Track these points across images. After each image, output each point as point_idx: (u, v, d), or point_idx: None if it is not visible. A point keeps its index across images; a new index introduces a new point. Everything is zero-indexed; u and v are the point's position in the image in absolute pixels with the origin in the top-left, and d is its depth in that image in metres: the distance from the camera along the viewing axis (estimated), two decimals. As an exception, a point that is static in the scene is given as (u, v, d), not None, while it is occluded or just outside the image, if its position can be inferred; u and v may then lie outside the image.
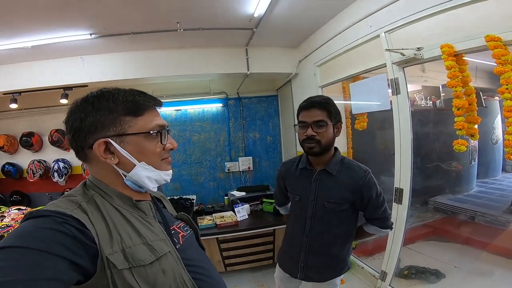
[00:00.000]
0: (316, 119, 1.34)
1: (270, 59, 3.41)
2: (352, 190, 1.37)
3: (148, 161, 0.74)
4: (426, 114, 3.52)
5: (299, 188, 1.49)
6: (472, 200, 3.19)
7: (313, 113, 1.35)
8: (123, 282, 0.62)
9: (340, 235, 1.44)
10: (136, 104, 0.73)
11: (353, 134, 3.16)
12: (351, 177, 1.38)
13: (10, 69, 2.95)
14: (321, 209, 1.41)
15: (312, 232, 1.43)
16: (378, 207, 1.40)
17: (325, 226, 1.41)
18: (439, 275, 2.34)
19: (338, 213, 1.40)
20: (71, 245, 0.57)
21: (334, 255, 1.46)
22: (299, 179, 1.50)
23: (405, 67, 2.04)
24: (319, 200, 1.41)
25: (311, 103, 1.37)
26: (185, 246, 0.81)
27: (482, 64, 2.33)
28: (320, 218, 1.41)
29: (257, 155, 4.17)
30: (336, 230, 1.42)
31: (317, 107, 1.35)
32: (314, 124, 1.34)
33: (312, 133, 1.34)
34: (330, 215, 1.40)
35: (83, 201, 0.66)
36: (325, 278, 1.49)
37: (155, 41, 2.87)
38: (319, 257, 1.45)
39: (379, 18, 2.11)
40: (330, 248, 1.44)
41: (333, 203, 1.38)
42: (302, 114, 1.40)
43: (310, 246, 1.44)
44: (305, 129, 1.36)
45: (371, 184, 1.37)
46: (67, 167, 3.63)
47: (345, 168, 1.41)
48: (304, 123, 1.37)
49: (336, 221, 1.41)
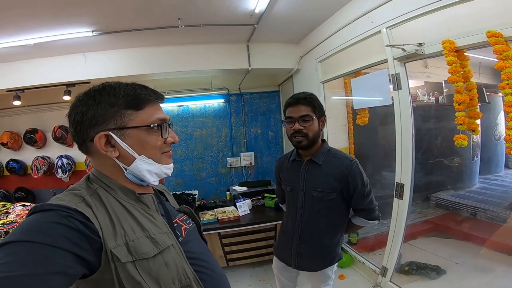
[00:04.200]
0: (302, 114, 1.42)
1: (271, 55, 3.40)
2: (339, 179, 1.43)
3: (149, 155, 0.75)
4: (428, 110, 3.50)
5: (290, 179, 1.58)
6: (474, 196, 3.17)
7: (298, 108, 1.43)
8: (126, 275, 0.63)
9: (330, 224, 1.51)
10: (137, 98, 0.73)
11: (355, 130, 3.16)
12: (337, 166, 1.45)
13: (13, 66, 2.98)
14: (310, 198, 1.48)
15: (303, 221, 1.51)
16: (364, 197, 1.46)
17: (315, 215, 1.49)
18: (439, 271, 2.34)
19: (327, 202, 1.46)
20: (76, 238, 0.58)
21: (325, 245, 1.52)
22: (290, 170, 1.59)
23: (406, 63, 2.03)
24: (307, 189, 1.48)
25: (296, 99, 1.45)
26: (188, 239, 0.81)
27: (486, 60, 2.31)
28: (310, 207, 1.49)
29: (259, 150, 4.19)
30: (325, 219, 1.49)
31: (302, 103, 1.43)
32: (301, 119, 1.42)
33: (299, 127, 1.42)
34: (318, 204, 1.47)
35: (87, 195, 0.67)
36: (317, 267, 1.56)
37: (157, 37, 2.88)
38: (310, 245, 1.52)
39: (381, 13, 2.10)
40: (320, 237, 1.51)
41: (320, 192, 1.45)
42: (289, 110, 1.47)
43: (302, 235, 1.52)
44: (293, 124, 1.44)
45: (356, 173, 1.43)
46: (71, 163, 3.66)
47: (331, 158, 1.48)
48: (291, 119, 1.45)
49: (325, 211, 1.47)
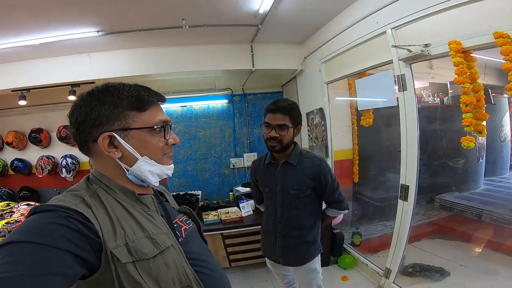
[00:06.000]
0: (279, 123, 1.52)
1: (275, 56, 3.40)
2: (312, 177, 1.58)
3: (151, 156, 0.75)
4: (433, 111, 3.48)
5: (267, 180, 1.69)
6: (479, 198, 3.15)
7: (277, 116, 1.52)
8: (127, 275, 0.62)
9: (307, 217, 1.63)
10: (141, 99, 0.73)
11: (359, 131, 3.15)
12: (309, 166, 1.59)
13: (19, 66, 3.00)
14: (287, 197, 1.60)
15: (283, 217, 1.63)
16: (334, 191, 1.62)
17: (294, 211, 1.61)
18: (443, 273, 2.32)
19: (303, 198, 1.60)
20: (76, 239, 0.57)
21: (305, 236, 1.64)
22: (266, 173, 1.70)
23: (412, 64, 2.02)
24: (285, 189, 1.60)
25: (277, 108, 1.53)
26: (188, 239, 0.81)
27: (492, 61, 2.29)
28: (288, 204, 1.61)
29: (262, 151, 4.14)
30: (303, 214, 1.62)
31: (282, 112, 1.52)
32: (277, 127, 1.52)
33: (275, 134, 1.52)
34: (296, 201, 1.60)
35: (86, 195, 0.67)
36: (302, 261, 1.66)
37: (161, 38, 2.89)
38: (292, 239, 1.63)
39: (386, 14, 2.09)
40: (301, 230, 1.63)
41: (296, 190, 1.58)
42: (268, 116, 1.55)
43: (284, 231, 1.63)
44: (269, 130, 1.54)
45: (326, 170, 1.59)
46: (75, 163, 3.68)
47: (303, 158, 1.62)
48: (269, 125, 1.54)
49: (303, 206, 1.61)
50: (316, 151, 3.23)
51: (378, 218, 3.30)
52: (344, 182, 3.10)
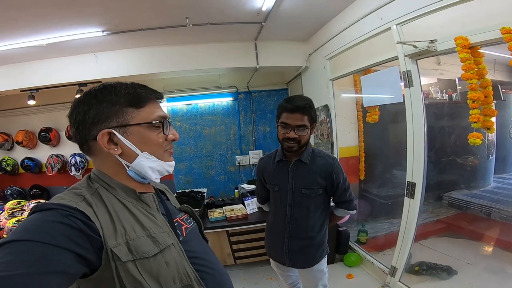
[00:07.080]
0: (299, 124, 1.44)
1: (279, 53, 3.38)
2: (324, 176, 1.52)
3: (151, 151, 0.75)
4: (441, 107, 3.42)
5: (277, 179, 1.61)
6: (489, 196, 3.08)
7: (296, 116, 1.43)
8: (127, 274, 0.63)
9: (317, 218, 1.58)
10: (138, 96, 0.74)
11: (365, 128, 3.12)
12: (322, 164, 1.53)
13: (27, 66, 3.06)
14: (299, 196, 1.54)
15: (293, 218, 1.56)
16: (345, 191, 1.58)
17: (304, 211, 1.55)
18: (450, 271, 2.29)
19: (314, 198, 1.54)
20: (77, 237, 0.58)
21: (314, 238, 1.58)
22: (276, 170, 1.62)
23: (418, 60, 1.99)
24: (296, 188, 1.54)
25: (296, 107, 1.43)
26: (188, 238, 0.81)
27: (502, 57, 2.24)
28: (299, 204, 1.55)
29: (268, 148, 4.17)
30: (314, 214, 1.56)
31: (301, 112, 1.43)
32: (297, 128, 1.44)
33: (294, 135, 1.45)
34: (307, 201, 1.54)
35: (87, 194, 0.67)
36: (309, 263, 1.61)
37: (165, 36, 2.90)
38: (301, 241, 1.57)
39: (390, 10, 2.06)
40: (310, 231, 1.57)
41: (309, 189, 1.52)
42: (286, 116, 1.46)
43: (292, 232, 1.57)
44: (288, 130, 1.45)
45: (339, 170, 1.54)
46: (84, 161, 3.73)
47: (316, 157, 1.55)
48: (287, 125, 1.46)
49: (313, 206, 1.55)
50: (321, 148, 3.21)
51: (384, 215, 3.27)
52: (350, 179, 3.02)
